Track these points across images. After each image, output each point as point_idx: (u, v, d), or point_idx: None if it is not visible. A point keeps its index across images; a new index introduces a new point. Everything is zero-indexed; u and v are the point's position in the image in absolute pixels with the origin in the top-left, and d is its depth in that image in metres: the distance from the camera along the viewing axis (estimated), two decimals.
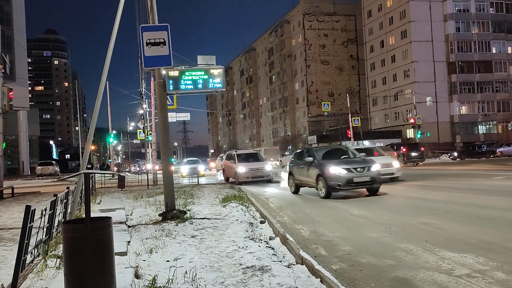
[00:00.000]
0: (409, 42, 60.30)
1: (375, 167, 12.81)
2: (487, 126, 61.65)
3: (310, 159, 13.80)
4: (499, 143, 45.94)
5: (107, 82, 17.92)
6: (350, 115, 50.64)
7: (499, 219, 7.79)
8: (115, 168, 65.22)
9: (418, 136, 49.06)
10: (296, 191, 14.94)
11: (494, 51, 61.34)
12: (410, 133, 57.93)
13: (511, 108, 60.32)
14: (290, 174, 15.47)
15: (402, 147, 33.89)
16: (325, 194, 12.61)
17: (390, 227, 7.68)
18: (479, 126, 61.28)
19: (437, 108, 59.79)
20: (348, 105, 53.05)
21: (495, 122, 61.41)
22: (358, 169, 12.51)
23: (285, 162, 35.04)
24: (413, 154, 32.67)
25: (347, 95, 58.65)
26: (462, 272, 4.75)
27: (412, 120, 50.32)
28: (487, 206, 9.44)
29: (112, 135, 46.89)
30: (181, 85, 10.55)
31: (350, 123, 49.69)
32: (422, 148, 35.30)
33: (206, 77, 10.61)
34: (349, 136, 49.54)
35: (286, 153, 47.62)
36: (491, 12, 61.47)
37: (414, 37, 59.74)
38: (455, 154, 42.34)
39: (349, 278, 4.85)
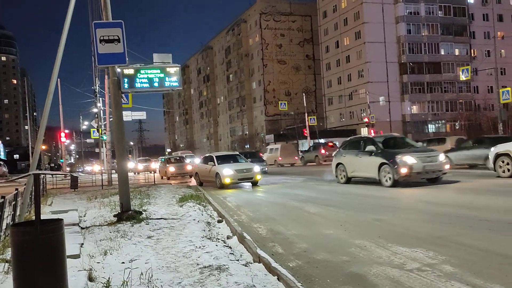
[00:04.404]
0: (363, 43, 61.81)
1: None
2: (436, 125, 64.18)
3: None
4: None
5: (58, 79, 17.37)
6: (306, 114, 51.40)
7: (448, 214, 8.11)
8: (68, 169, 63.20)
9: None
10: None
11: (442, 53, 63.88)
12: (364, 131, 59.41)
13: (458, 107, 63.04)
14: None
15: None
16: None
17: (345, 224, 7.83)
18: (429, 125, 63.68)
19: (389, 108, 61.64)
20: (305, 105, 53.83)
21: (443, 121, 64.00)
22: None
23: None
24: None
25: (304, 94, 59.54)
26: (413, 266, 4.91)
27: (366, 119, 51.64)
28: (436, 202, 9.83)
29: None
30: (136, 84, 10.36)
31: (307, 122, 50.44)
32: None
33: (162, 75, 10.47)
34: (306, 135, 50.29)
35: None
36: (439, 15, 63.97)
37: (368, 38, 61.31)
38: None
39: (306, 275, 4.92)
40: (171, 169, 28.02)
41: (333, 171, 16.18)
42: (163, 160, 32.53)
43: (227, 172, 17.27)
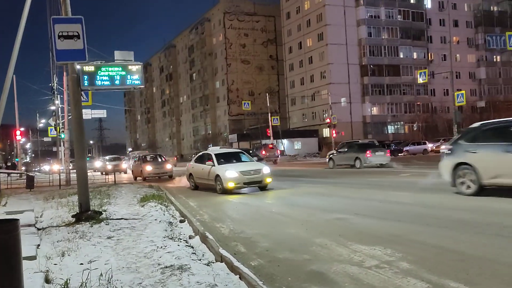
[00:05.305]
0: (325, 45, 62.70)
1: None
2: (396, 126, 65.87)
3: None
4: (406, 142, 49.34)
5: (14, 76, 16.79)
6: (269, 114, 51.72)
7: (405, 213, 8.37)
8: (23, 168, 61.03)
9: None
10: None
11: (401, 56, 65.63)
12: (326, 132, 60.28)
13: (416, 109, 64.98)
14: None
15: None
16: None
17: (307, 223, 7.94)
18: (389, 126, 65.27)
19: (351, 109, 62.77)
20: (268, 105, 54.16)
21: (402, 122, 65.74)
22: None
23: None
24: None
25: (267, 94, 59.91)
26: (371, 264, 5.04)
27: (328, 120, 52.43)
28: (395, 201, 10.10)
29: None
30: (97, 81, 10.13)
31: (270, 122, 50.80)
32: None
33: (124, 73, 10.28)
34: (269, 135, 50.61)
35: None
36: (399, 19, 65.69)
37: (330, 40, 62.23)
38: None
39: (267, 274, 4.96)
40: (148, 168, 24.89)
41: (446, 175, 10.65)
42: (137, 158, 29.63)
43: (230, 174, 14.13)
